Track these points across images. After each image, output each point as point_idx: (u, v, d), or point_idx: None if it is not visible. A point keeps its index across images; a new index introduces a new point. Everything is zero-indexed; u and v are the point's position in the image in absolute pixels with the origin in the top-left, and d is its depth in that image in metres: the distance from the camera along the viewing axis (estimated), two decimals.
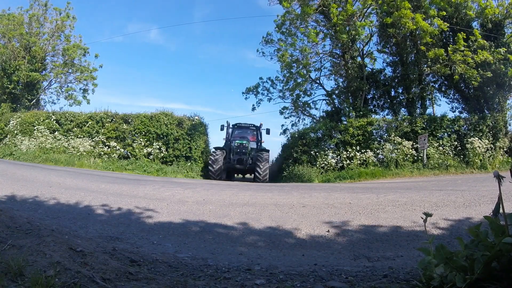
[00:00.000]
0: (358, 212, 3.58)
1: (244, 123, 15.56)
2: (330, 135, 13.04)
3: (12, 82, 16.49)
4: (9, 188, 4.64)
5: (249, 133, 15.14)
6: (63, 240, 2.11)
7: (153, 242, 2.67)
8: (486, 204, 3.62)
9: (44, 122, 14.57)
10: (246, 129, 15.36)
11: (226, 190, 5.91)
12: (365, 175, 10.88)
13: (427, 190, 5.23)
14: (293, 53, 15.00)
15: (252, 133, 15.31)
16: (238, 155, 13.41)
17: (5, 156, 13.20)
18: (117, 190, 5.13)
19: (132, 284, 1.55)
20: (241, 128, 15.37)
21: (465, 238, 1.38)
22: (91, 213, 3.60)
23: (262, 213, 3.67)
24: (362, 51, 15.53)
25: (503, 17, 13.06)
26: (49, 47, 17.92)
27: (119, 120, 14.21)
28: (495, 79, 12.60)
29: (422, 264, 1.34)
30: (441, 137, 12.29)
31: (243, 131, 15.15)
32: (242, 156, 13.34)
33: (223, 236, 2.93)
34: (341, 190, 5.68)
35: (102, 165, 12.34)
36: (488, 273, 1.15)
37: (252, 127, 15.47)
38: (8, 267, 1.45)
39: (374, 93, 16.26)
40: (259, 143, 14.87)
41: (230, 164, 13.30)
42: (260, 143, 14.90)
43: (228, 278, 1.78)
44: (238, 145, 13.47)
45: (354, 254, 2.42)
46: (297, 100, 17.12)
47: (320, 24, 15.14)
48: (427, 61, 13.94)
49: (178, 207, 3.98)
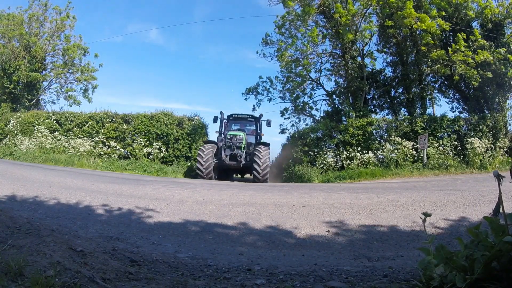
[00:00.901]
0: (358, 212, 3.58)
1: (241, 114, 13.58)
2: (330, 135, 13.04)
3: (12, 82, 16.50)
4: (9, 188, 4.64)
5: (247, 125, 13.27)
6: (63, 240, 2.11)
7: (153, 242, 2.67)
8: (486, 204, 3.62)
9: (44, 122, 14.58)
10: (243, 120, 13.37)
11: (226, 190, 5.91)
12: (365, 175, 10.88)
13: (427, 190, 5.23)
14: (293, 53, 15.02)
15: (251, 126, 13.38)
16: (230, 149, 11.11)
17: (5, 156, 13.20)
18: (117, 190, 5.13)
19: (132, 284, 1.55)
20: (237, 120, 13.35)
21: (465, 238, 1.38)
22: (91, 213, 3.60)
23: (262, 213, 3.67)
24: (362, 51, 15.55)
25: (503, 17, 13.07)
26: (49, 47, 17.93)
27: (119, 120, 14.22)
28: (495, 79, 12.61)
29: (422, 264, 1.34)
30: (441, 137, 12.29)
31: (240, 123, 13.27)
32: (235, 151, 11.05)
33: (223, 236, 2.93)
34: (341, 190, 5.68)
35: (102, 165, 12.35)
36: (488, 273, 1.15)
37: (251, 118, 13.43)
38: (8, 267, 1.45)
39: (374, 93, 16.27)
40: (258, 136, 12.94)
41: (221, 161, 11.10)
42: (260, 136, 12.93)
43: (228, 278, 1.78)
44: (230, 137, 11.15)
45: (354, 254, 2.42)
46: (296, 100, 17.11)
47: (320, 25, 15.14)
48: (427, 61, 13.95)
49: (178, 207, 3.98)
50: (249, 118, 13.46)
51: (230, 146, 11.15)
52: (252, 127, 13.38)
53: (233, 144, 11.09)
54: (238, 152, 11.10)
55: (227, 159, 11.12)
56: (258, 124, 13.21)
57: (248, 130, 12.99)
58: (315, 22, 15.12)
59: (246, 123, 13.35)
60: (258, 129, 13.13)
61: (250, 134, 12.91)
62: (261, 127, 13.17)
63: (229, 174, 12.63)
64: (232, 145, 11.11)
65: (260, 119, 13.19)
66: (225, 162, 11.09)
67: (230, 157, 11.14)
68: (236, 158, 11.08)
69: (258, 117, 13.24)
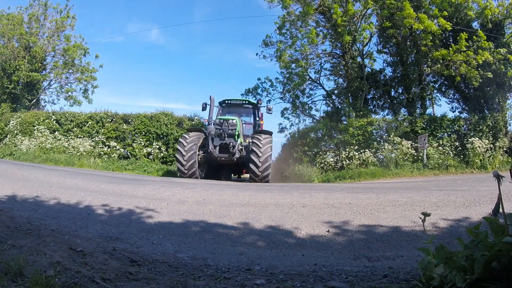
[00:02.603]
0: (358, 212, 3.58)
1: (236, 99, 11.26)
2: (330, 135, 13.05)
3: (12, 82, 16.51)
4: (9, 188, 4.64)
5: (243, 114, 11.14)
6: (63, 240, 2.11)
7: (153, 242, 2.67)
8: (486, 204, 3.61)
9: (44, 122, 14.59)
10: (238, 107, 11.12)
11: (226, 190, 5.91)
12: (365, 175, 10.88)
13: (427, 190, 5.22)
14: (292, 54, 15.03)
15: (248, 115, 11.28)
16: (220, 138, 8.74)
17: (5, 156, 13.20)
18: (117, 190, 5.13)
19: (132, 284, 1.55)
20: (231, 107, 11.06)
21: (465, 238, 1.38)
22: (91, 213, 3.60)
23: (262, 213, 3.67)
24: (362, 51, 15.56)
25: (503, 17, 13.07)
26: (49, 47, 17.94)
27: (119, 120, 14.22)
28: (495, 79, 12.62)
29: (422, 264, 1.34)
30: (441, 137, 12.30)
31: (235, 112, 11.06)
32: (227, 140, 8.65)
33: (223, 236, 2.92)
34: (341, 190, 5.67)
35: (102, 165, 12.35)
36: (488, 273, 1.15)
37: (247, 104, 11.22)
38: (8, 267, 1.45)
39: (374, 93, 16.29)
40: (257, 126, 10.81)
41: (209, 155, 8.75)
42: (259, 126, 10.79)
43: (228, 278, 1.78)
44: (220, 123, 8.83)
45: (354, 254, 2.42)
46: (295, 100, 17.12)
47: (320, 25, 15.16)
48: (427, 61, 13.96)
49: (178, 207, 3.98)
50: (246, 104, 11.23)
51: (220, 134, 8.76)
52: (249, 116, 11.27)
53: (224, 132, 8.69)
54: (230, 141, 8.65)
55: (216, 151, 8.67)
56: (256, 111, 11.17)
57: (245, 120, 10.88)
58: (316, 22, 15.16)
59: (242, 111, 11.14)
60: (256, 117, 11.09)
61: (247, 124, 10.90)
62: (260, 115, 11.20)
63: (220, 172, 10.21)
64: (222, 133, 8.71)
65: (259, 105, 11.21)
66: (213, 154, 8.64)
67: (220, 149, 8.70)
68: (228, 149, 8.60)
69: (257, 103, 11.24)
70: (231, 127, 8.76)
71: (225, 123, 8.79)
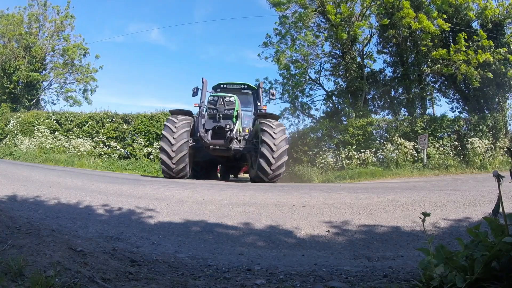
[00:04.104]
0: (358, 212, 3.58)
1: (232, 83, 9.31)
2: (330, 135, 13.06)
3: (12, 82, 16.52)
4: (9, 188, 4.64)
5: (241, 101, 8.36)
6: (63, 240, 2.11)
7: (153, 242, 2.67)
8: (486, 204, 3.61)
9: (44, 122, 14.60)
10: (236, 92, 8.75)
11: (226, 190, 5.91)
12: (365, 175, 10.89)
13: (427, 190, 5.22)
14: (292, 55, 15.06)
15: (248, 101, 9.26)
16: (214, 120, 6.96)
17: (5, 156, 13.21)
18: (117, 190, 5.13)
19: (132, 284, 1.55)
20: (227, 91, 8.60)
21: (465, 238, 1.38)
22: (91, 213, 3.60)
23: (262, 213, 3.67)
24: (362, 51, 15.57)
25: (503, 18, 13.09)
26: (48, 47, 17.94)
27: (119, 120, 14.23)
28: (495, 79, 12.64)
29: (422, 264, 1.34)
30: (441, 137, 12.31)
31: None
32: (222, 123, 6.85)
33: (223, 236, 2.92)
34: (341, 190, 5.67)
35: (102, 165, 12.36)
36: (488, 273, 1.15)
37: (246, 88, 9.28)
38: (8, 267, 1.45)
39: (374, 93, 16.30)
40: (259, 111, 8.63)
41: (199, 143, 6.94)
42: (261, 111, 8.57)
43: (228, 278, 1.78)
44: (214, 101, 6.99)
45: (354, 254, 2.42)
46: (294, 101, 17.13)
47: (321, 25, 15.18)
48: (427, 61, 13.96)
49: (178, 207, 3.98)
50: (245, 89, 9.28)
51: (213, 116, 6.99)
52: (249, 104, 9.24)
53: (219, 112, 6.87)
54: (226, 124, 6.77)
55: (208, 136, 6.77)
56: (257, 96, 9.30)
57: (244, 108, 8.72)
58: (317, 25, 15.18)
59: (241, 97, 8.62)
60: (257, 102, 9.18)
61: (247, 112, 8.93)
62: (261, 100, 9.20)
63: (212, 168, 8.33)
64: (217, 113, 6.89)
65: (259, 89, 9.20)
66: (203, 140, 6.74)
67: (213, 134, 6.83)
68: (223, 134, 6.76)
69: (257, 87, 9.26)
70: (227, 106, 6.91)
71: (220, 101, 6.90)
